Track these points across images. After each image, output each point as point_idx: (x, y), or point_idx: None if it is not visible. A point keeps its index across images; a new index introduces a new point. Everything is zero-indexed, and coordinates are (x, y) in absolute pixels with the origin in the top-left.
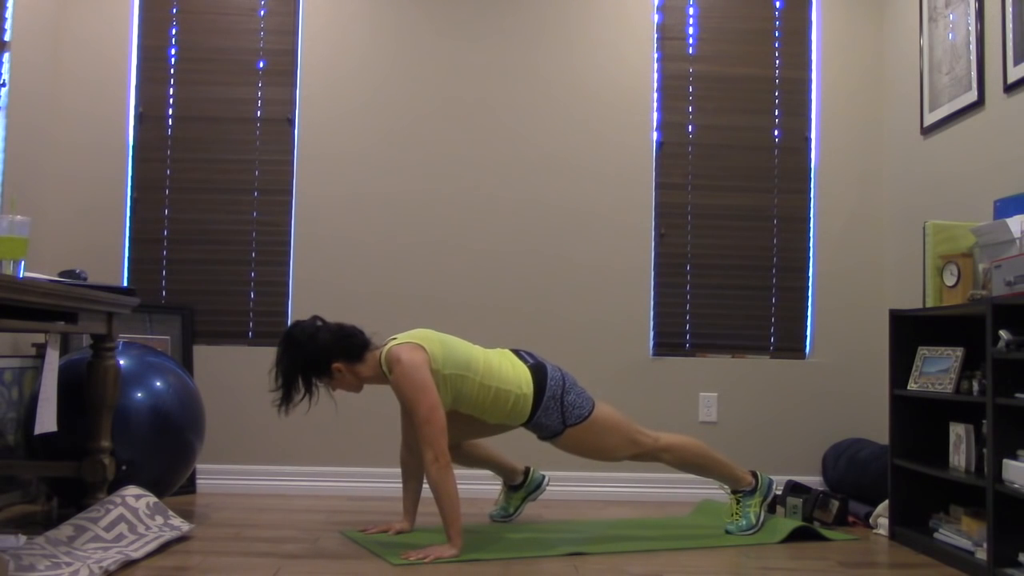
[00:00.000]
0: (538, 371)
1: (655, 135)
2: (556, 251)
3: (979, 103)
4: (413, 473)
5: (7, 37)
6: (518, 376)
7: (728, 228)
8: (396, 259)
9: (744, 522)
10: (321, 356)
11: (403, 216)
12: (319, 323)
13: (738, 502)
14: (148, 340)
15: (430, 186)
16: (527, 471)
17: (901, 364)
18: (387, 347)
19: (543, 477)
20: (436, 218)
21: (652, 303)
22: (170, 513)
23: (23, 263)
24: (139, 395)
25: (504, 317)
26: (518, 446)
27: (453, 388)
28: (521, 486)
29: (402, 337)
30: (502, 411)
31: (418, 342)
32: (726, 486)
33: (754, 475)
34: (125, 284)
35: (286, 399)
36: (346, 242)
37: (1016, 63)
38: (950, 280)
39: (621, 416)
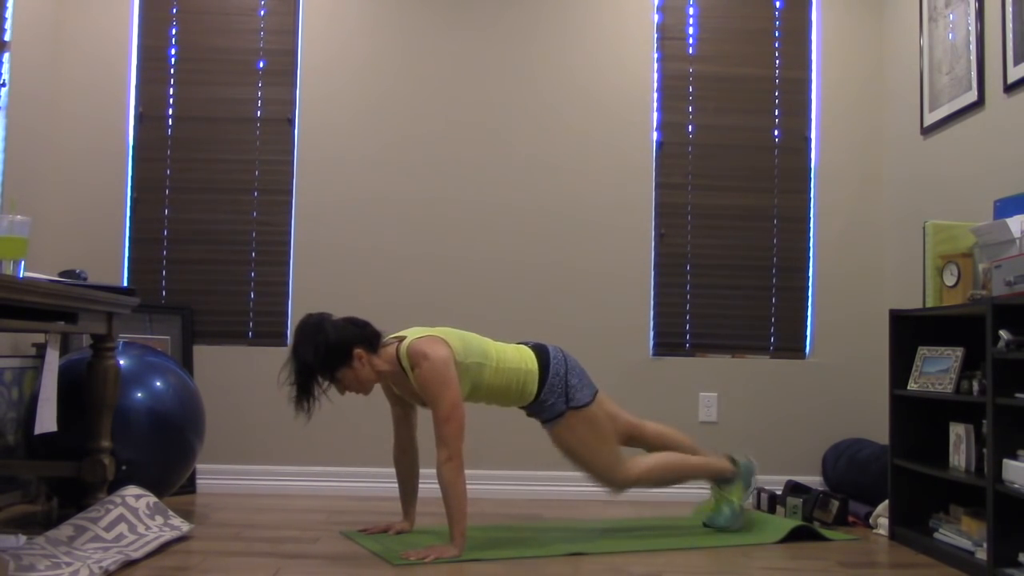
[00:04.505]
0: (539, 349)
1: (655, 135)
2: (556, 251)
3: (979, 103)
4: (407, 473)
5: (7, 37)
6: (522, 355)
7: (728, 228)
8: (396, 258)
9: (728, 510)
10: (343, 340)
11: (403, 216)
12: (332, 315)
13: (720, 490)
14: (148, 340)
15: (430, 186)
16: (733, 460)
17: (901, 364)
18: (405, 342)
19: (750, 462)
20: (436, 217)
21: (652, 303)
22: (170, 513)
23: (23, 263)
24: (139, 395)
25: (504, 316)
26: (520, 446)
27: (473, 377)
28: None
29: (414, 332)
30: (514, 392)
31: (440, 336)
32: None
33: (732, 460)
34: (125, 284)
35: (305, 394)
36: (346, 242)
37: (1016, 63)
38: (950, 280)
39: (614, 434)
